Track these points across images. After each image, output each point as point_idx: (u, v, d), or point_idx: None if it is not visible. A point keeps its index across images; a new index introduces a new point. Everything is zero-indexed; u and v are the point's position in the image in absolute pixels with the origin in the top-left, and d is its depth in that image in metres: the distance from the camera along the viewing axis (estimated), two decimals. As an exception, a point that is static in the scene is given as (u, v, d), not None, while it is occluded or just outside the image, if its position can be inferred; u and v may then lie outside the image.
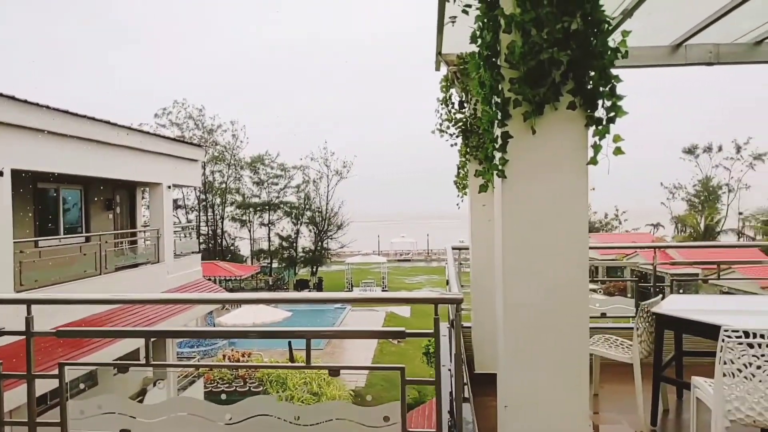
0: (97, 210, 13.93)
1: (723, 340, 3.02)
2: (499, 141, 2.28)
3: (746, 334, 2.99)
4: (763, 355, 2.94)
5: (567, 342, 2.30)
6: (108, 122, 11.42)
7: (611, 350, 4.42)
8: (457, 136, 5.10)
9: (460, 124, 4.99)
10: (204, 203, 42.24)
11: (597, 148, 2.23)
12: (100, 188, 13.78)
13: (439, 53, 4.92)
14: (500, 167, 2.28)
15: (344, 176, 43.88)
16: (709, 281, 19.67)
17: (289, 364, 15.89)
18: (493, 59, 2.29)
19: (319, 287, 38.28)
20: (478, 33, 2.37)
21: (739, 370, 2.99)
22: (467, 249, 5.71)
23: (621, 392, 4.66)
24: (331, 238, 44.96)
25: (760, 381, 2.95)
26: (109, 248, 12.17)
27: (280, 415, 2.80)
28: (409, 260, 57.43)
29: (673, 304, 4.30)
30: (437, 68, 5.25)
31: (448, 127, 5.13)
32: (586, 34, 2.19)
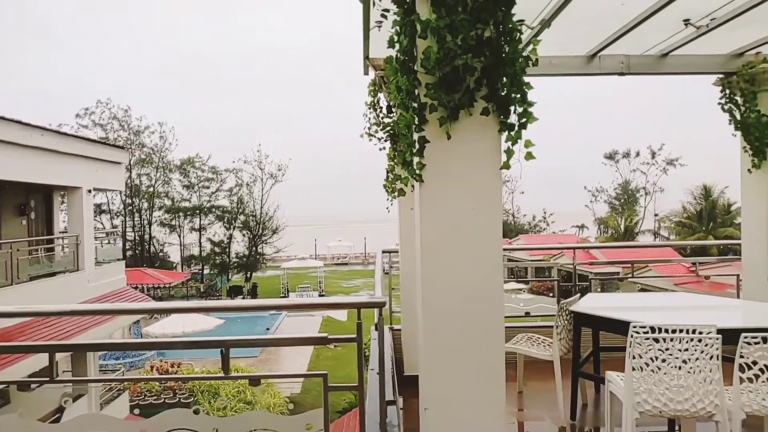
0: (9, 215, 12.99)
1: (632, 336, 3.18)
2: (417, 145, 2.30)
3: (652, 329, 3.17)
4: (667, 349, 3.12)
5: (484, 342, 2.34)
6: (19, 122, 10.69)
7: (533, 348, 4.57)
8: (385, 140, 5.12)
9: (388, 128, 5.01)
10: (130, 208, 40.37)
11: (509, 153, 2.29)
12: (12, 192, 12.87)
13: (366, 57, 4.92)
14: (418, 171, 2.30)
15: (279, 179, 43.17)
16: (628, 279, 20.82)
17: (202, 375, 15.46)
18: (410, 64, 2.31)
19: (253, 293, 37.44)
20: (395, 38, 2.38)
21: (647, 364, 3.16)
22: (398, 252, 5.75)
23: (544, 389, 4.82)
24: (266, 243, 44.08)
25: (665, 373, 3.13)
26: (21, 256, 11.37)
27: (197, 428, 2.69)
28: (346, 264, 57.31)
29: (590, 302, 4.50)
30: (365, 72, 5.25)
31: (376, 131, 5.14)
32: (499, 42, 2.25)
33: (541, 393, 4.87)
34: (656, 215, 44.09)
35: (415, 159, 2.32)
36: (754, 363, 3.14)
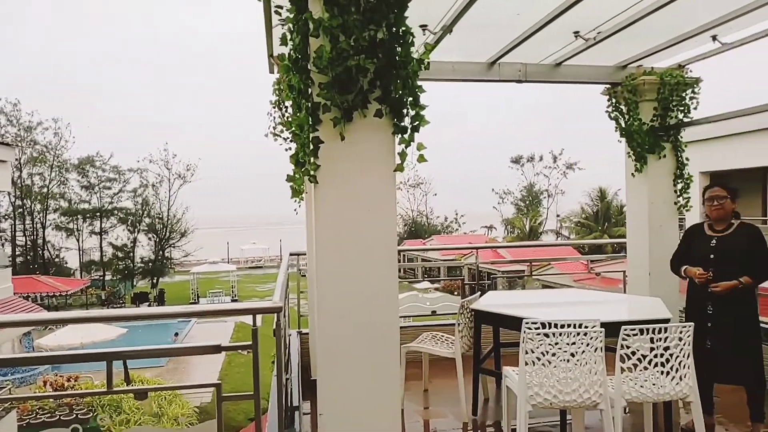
0: None
1: (524, 332, 3.32)
2: (311, 146, 2.26)
3: (543, 325, 3.32)
4: (557, 344, 3.29)
5: (379, 343, 2.34)
6: None
7: (437, 347, 4.66)
8: (291, 141, 5.03)
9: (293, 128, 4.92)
10: (21, 210, 37.11)
11: (403, 155, 2.31)
12: None
13: (270, 55, 4.82)
14: (312, 173, 2.26)
15: (188, 180, 41.39)
16: (532, 276, 21.94)
17: (82, 391, 14.57)
18: (303, 63, 2.26)
19: (160, 300, 35.64)
20: (288, 35, 2.33)
21: (538, 359, 3.31)
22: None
23: (448, 386, 4.92)
24: (174, 247, 42.10)
25: (555, 367, 3.29)
26: None
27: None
28: (261, 267, 55.99)
29: (490, 300, 4.66)
30: (270, 70, 5.14)
31: (282, 131, 5.04)
32: (392, 44, 2.25)
33: (446, 390, 4.98)
34: (558, 216, 46.94)
35: (310, 160, 2.28)
36: (633, 353, 3.38)
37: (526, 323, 3.32)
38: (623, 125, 5.50)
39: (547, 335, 3.28)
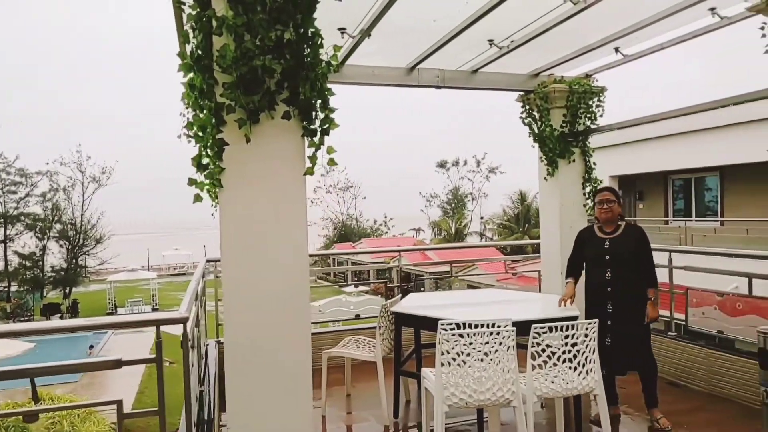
0: None
1: (440, 333, 3.37)
2: (215, 148, 2.17)
3: (458, 325, 3.38)
4: (471, 344, 3.35)
5: (290, 350, 2.29)
6: None
7: (358, 351, 4.64)
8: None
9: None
10: None
11: (313, 158, 2.27)
12: None
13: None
14: (216, 176, 2.17)
15: (103, 183, 39.09)
16: (459, 277, 22.45)
17: None
18: (206, 61, 2.17)
19: (73, 311, 33.45)
20: (190, 33, 2.23)
21: (453, 359, 3.36)
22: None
23: (371, 389, 4.91)
24: (89, 254, 39.58)
25: (470, 366, 3.35)
26: None
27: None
28: (184, 274, 53.79)
29: (411, 302, 4.70)
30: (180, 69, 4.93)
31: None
32: (300, 45, 2.21)
33: (368, 394, 4.96)
34: (482, 218, 48.43)
35: (214, 162, 2.19)
36: (543, 350, 3.51)
37: (442, 324, 3.36)
38: (536, 131, 5.73)
39: (462, 336, 3.34)
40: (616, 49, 5.15)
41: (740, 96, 4.55)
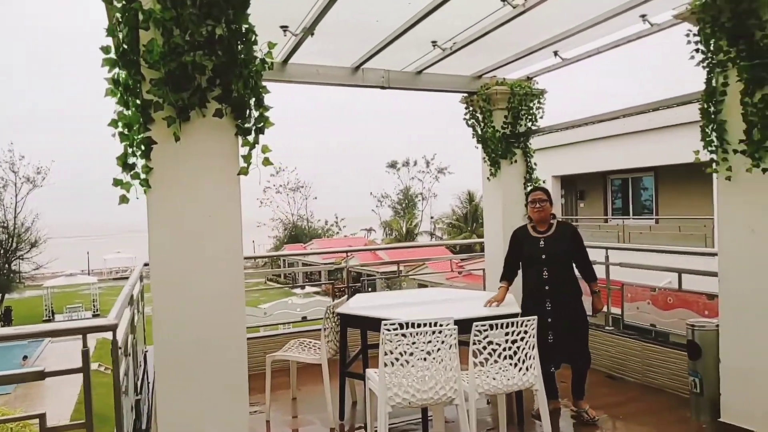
0: None
1: (383, 333, 3.36)
2: (142, 147, 2.08)
3: (401, 325, 3.38)
4: (414, 344, 3.36)
5: (223, 358, 2.22)
6: None
7: (303, 354, 4.58)
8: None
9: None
10: None
11: (247, 158, 2.21)
12: None
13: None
14: (144, 176, 2.08)
15: (38, 184, 37.18)
16: (410, 276, 22.60)
17: None
18: (132, 57, 2.08)
19: (6, 319, 31.65)
20: (115, 26, 2.13)
21: (397, 359, 3.35)
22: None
23: (317, 392, 4.86)
24: (23, 259, 37.55)
25: (413, 366, 3.36)
26: None
27: None
28: (127, 278, 51.84)
29: (357, 303, 4.67)
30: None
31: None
32: (232, 42, 2.15)
33: (314, 397, 4.90)
34: (432, 218, 48.97)
35: (141, 162, 2.10)
36: (485, 348, 3.56)
37: (385, 325, 3.36)
38: (479, 132, 5.82)
39: (404, 335, 3.34)
40: (555, 53, 5.30)
41: (668, 100, 4.77)
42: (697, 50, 3.71)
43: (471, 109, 5.91)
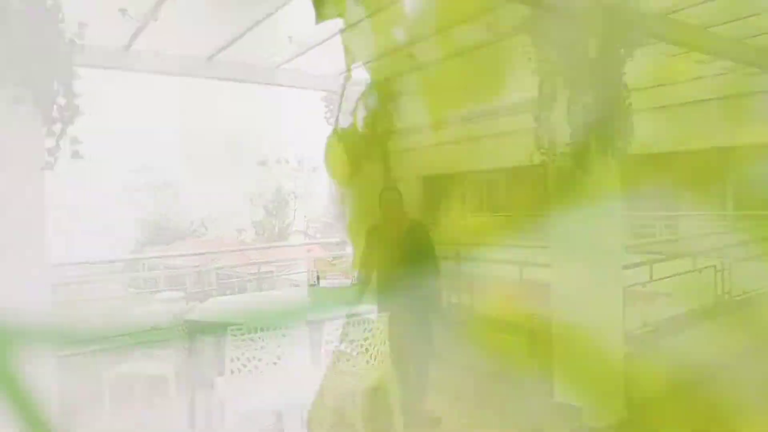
0: None
1: (229, 339, 3.19)
2: None
3: (249, 330, 3.24)
4: (263, 347, 3.24)
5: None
6: None
7: (148, 364, 4.24)
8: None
9: None
10: None
11: (54, 150, 1.95)
12: None
13: None
14: None
15: None
16: (283, 276, 22.15)
17: None
18: None
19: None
20: None
21: (244, 365, 3.21)
22: None
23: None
24: None
25: (261, 372, 3.24)
26: None
27: None
28: None
29: (212, 306, 4.43)
30: None
31: None
32: (32, 17, 1.88)
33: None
34: (305, 216, 48.54)
35: None
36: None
37: (231, 330, 3.20)
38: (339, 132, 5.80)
39: (253, 339, 3.21)
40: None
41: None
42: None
43: (331, 107, 5.88)
